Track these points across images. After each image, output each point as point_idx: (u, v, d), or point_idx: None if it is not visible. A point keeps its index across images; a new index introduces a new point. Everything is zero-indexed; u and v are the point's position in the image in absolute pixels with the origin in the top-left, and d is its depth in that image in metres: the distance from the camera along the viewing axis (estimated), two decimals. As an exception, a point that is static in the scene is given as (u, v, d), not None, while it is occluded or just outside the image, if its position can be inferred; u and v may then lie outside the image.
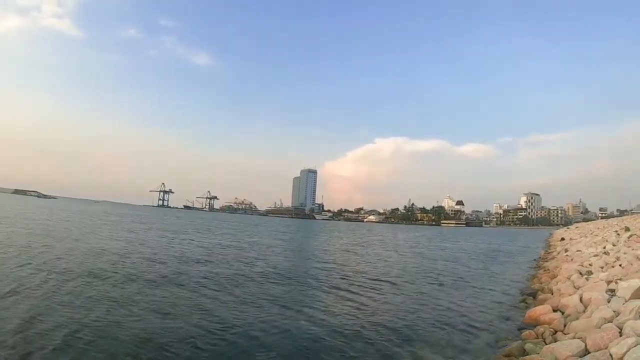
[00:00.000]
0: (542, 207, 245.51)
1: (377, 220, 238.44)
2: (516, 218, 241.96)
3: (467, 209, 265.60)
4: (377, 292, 13.64)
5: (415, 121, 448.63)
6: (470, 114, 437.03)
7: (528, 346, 7.22)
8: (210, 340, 7.66)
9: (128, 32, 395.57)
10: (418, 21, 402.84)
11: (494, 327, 9.51)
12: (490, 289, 15.40)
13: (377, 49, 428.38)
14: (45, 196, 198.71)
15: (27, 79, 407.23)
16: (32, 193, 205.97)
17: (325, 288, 13.86)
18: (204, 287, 12.72)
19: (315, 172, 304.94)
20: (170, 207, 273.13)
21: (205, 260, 19.08)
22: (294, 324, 9.08)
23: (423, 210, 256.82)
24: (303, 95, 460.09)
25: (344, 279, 16.15)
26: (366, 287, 14.32)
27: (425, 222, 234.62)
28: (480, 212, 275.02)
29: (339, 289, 13.77)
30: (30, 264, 14.42)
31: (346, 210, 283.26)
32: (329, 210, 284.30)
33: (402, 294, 13.62)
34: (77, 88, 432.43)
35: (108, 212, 79.57)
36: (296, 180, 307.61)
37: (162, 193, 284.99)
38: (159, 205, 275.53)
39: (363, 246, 37.60)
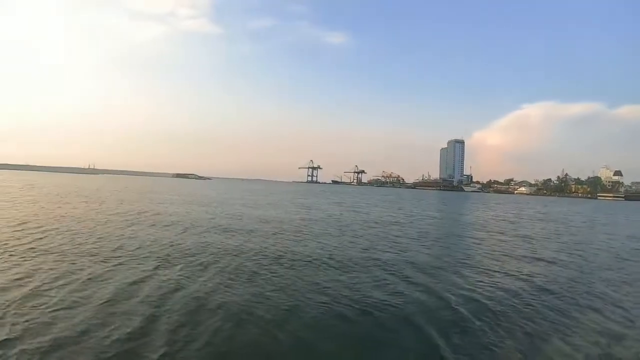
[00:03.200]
0: None
1: (528, 192, 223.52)
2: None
3: (626, 180, 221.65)
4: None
5: (563, 82, 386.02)
6: (627, 68, 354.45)
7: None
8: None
9: (262, 22, 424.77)
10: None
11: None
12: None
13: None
14: (201, 178, 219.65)
15: (174, 79, 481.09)
16: (191, 176, 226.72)
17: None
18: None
19: (462, 142, 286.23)
20: (319, 183, 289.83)
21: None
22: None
23: (577, 181, 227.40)
24: (446, 63, 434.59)
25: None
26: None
27: (579, 195, 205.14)
28: None
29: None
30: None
31: (495, 182, 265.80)
32: (477, 182, 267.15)
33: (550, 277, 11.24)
34: (220, 81, 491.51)
35: (251, 189, 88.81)
36: (443, 151, 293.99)
37: (310, 169, 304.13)
38: (308, 182, 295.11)
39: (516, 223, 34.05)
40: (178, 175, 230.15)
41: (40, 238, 13.29)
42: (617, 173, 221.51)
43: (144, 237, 14.54)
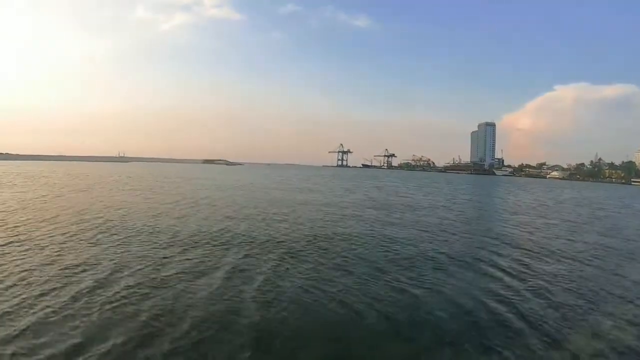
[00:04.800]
0: None
1: (560, 177, 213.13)
2: None
3: None
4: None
5: (596, 63, 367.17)
6: None
7: None
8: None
9: (287, 8, 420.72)
10: None
11: None
12: None
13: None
14: (232, 163, 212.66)
15: (201, 66, 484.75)
16: (220, 162, 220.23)
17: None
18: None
19: (493, 125, 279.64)
20: (349, 167, 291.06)
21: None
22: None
23: (611, 166, 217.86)
24: (475, 45, 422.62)
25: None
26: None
27: (613, 180, 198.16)
28: None
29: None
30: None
31: (527, 166, 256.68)
32: (509, 166, 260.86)
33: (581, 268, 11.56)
34: (248, 68, 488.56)
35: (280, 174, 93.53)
36: (474, 134, 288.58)
37: (340, 154, 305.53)
38: (338, 166, 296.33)
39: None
40: (207, 161, 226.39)
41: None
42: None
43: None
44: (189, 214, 19.07)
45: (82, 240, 12.21)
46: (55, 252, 10.58)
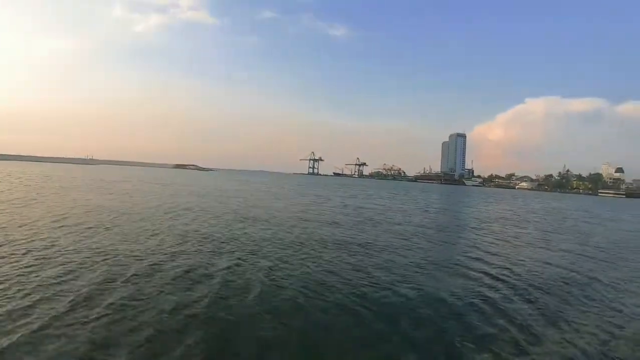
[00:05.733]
0: None
1: (529, 187, 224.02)
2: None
3: (628, 178, 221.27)
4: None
5: (567, 77, 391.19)
6: (630, 64, 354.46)
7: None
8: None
9: (265, 14, 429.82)
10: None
11: None
12: None
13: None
14: (203, 169, 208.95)
15: (174, 69, 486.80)
16: (191, 167, 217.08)
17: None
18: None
19: (464, 136, 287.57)
20: (320, 175, 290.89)
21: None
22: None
23: (579, 177, 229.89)
24: (448, 57, 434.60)
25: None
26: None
27: (580, 191, 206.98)
28: None
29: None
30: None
31: (497, 176, 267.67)
32: (479, 176, 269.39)
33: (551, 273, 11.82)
34: (222, 72, 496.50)
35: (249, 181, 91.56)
36: (445, 145, 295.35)
37: (312, 161, 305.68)
38: (309, 173, 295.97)
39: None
40: (178, 166, 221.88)
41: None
42: (619, 170, 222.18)
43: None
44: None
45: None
46: (38, 259, 9.66)
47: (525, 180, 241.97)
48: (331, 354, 5.80)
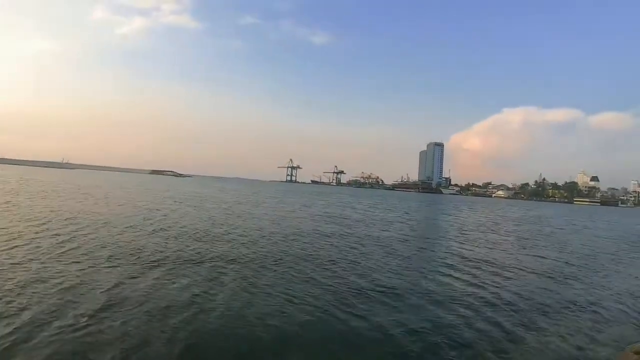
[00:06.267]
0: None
1: (505, 196, 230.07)
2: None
3: (602, 186, 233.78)
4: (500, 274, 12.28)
5: (544, 88, 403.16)
6: (603, 76, 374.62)
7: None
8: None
9: (246, 20, 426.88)
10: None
11: (622, 321, 8.54)
12: (624, 278, 13.34)
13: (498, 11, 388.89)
14: (180, 175, 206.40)
15: (153, 73, 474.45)
16: (168, 173, 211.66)
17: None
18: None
19: (441, 145, 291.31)
20: (298, 182, 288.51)
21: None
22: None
23: (555, 186, 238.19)
24: (426, 65, 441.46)
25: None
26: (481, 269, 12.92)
27: (556, 199, 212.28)
28: (617, 189, 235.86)
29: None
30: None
31: (474, 185, 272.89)
32: (456, 185, 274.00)
33: (526, 280, 11.90)
34: (203, 77, 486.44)
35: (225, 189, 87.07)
36: (422, 154, 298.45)
37: (290, 169, 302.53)
38: (287, 181, 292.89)
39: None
40: (155, 172, 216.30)
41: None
42: (594, 179, 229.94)
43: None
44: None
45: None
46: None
47: (502, 189, 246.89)
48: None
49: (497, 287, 10.43)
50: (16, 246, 11.07)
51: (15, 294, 7.12)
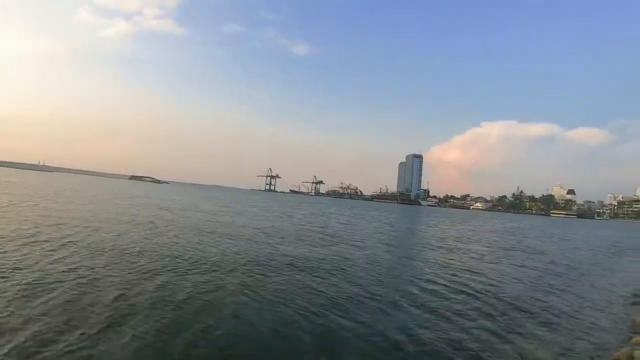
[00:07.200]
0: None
1: (483, 208, 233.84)
2: (631, 211, 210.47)
3: (579, 199, 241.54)
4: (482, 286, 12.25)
5: (523, 103, 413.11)
6: (580, 92, 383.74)
7: (637, 353, 6.59)
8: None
9: (230, 27, 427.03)
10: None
11: (600, 329, 8.67)
12: (601, 288, 13.79)
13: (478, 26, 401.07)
14: (159, 181, 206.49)
15: (135, 77, 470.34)
16: (147, 179, 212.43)
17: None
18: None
19: (420, 157, 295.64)
20: (277, 192, 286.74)
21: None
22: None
23: (532, 198, 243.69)
24: (407, 79, 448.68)
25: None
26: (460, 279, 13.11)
27: (533, 212, 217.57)
28: (593, 202, 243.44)
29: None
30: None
31: (452, 197, 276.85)
32: (434, 196, 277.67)
33: (505, 290, 11.99)
34: (184, 83, 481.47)
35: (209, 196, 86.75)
36: (402, 165, 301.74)
37: (269, 178, 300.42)
38: (266, 190, 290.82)
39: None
40: (133, 177, 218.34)
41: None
42: (571, 192, 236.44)
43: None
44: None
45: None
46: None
47: (480, 201, 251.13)
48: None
49: (478, 295, 10.69)
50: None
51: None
